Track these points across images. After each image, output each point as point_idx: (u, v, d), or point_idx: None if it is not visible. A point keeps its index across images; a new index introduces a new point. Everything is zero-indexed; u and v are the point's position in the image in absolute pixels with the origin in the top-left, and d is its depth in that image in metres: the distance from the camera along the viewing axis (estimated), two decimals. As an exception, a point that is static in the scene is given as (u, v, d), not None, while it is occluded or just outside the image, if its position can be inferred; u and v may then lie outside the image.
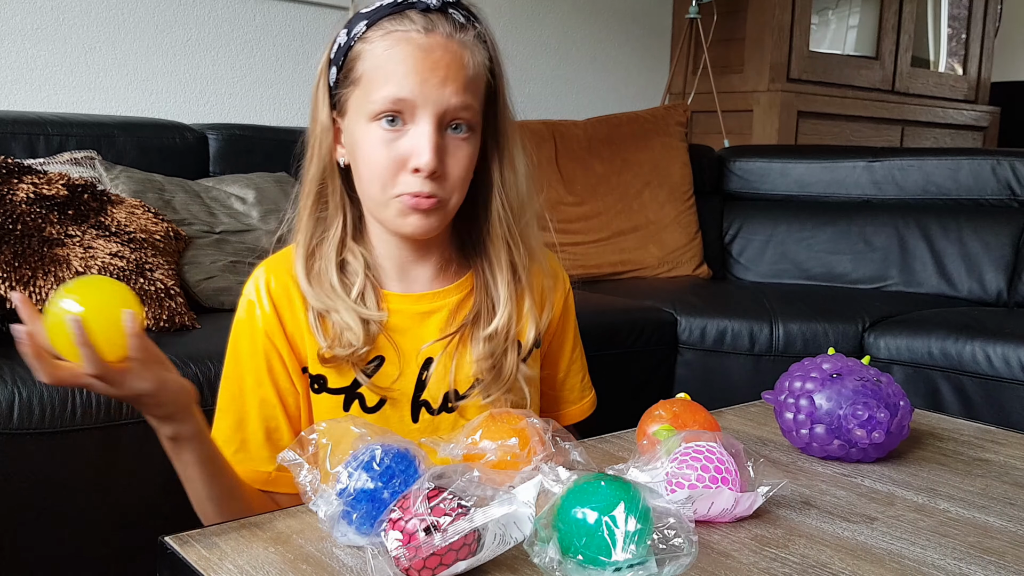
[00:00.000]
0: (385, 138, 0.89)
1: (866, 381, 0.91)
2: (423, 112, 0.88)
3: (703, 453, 0.75)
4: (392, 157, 0.89)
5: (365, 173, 0.92)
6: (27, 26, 2.11)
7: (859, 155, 2.67)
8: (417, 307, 0.99)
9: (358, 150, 0.92)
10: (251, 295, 0.97)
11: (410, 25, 0.89)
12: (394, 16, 0.90)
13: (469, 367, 0.98)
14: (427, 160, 0.87)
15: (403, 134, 0.89)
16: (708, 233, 2.65)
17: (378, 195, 0.92)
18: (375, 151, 0.90)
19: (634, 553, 0.59)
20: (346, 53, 0.92)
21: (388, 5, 0.91)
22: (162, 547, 0.70)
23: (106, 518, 1.28)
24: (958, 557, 0.71)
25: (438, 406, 0.98)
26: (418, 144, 0.88)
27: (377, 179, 0.91)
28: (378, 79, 0.89)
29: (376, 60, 0.89)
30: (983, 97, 4.19)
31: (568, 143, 2.57)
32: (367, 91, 0.90)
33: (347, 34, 0.93)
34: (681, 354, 2.02)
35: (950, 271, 2.41)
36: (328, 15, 2.56)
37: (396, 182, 0.90)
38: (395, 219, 0.92)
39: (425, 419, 0.98)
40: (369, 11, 0.92)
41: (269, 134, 2.16)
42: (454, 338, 0.98)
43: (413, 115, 0.89)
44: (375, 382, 0.95)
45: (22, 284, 1.40)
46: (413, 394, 0.97)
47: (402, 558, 0.61)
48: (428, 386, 0.97)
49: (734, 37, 3.35)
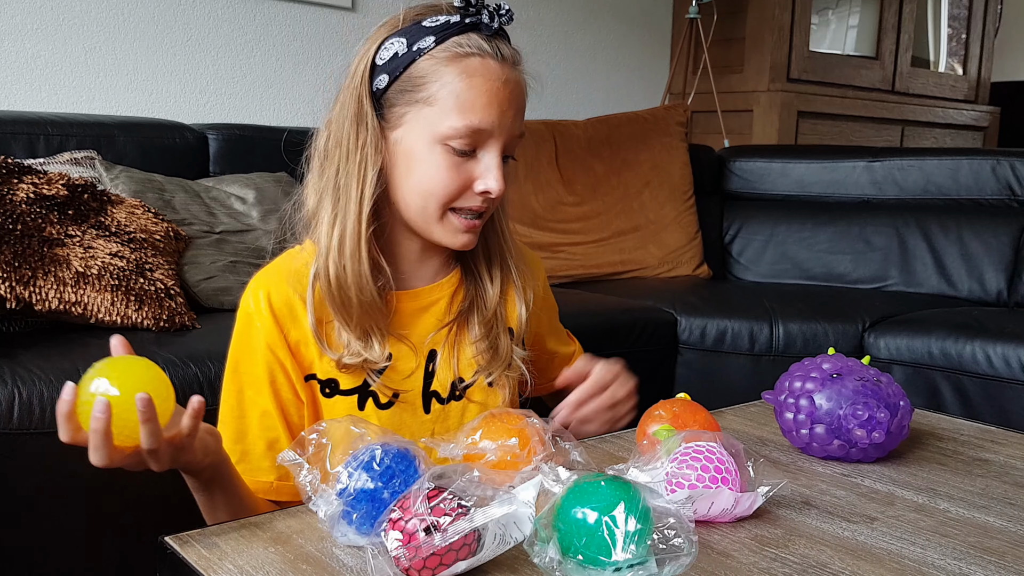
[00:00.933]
0: (454, 162, 0.92)
1: (866, 381, 0.91)
2: (495, 141, 0.93)
3: (703, 453, 0.75)
4: (460, 179, 0.93)
5: (424, 188, 0.93)
6: (27, 26, 2.11)
7: (859, 155, 2.67)
8: (416, 303, 1.01)
9: (416, 166, 0.93)
10: (250, 307, 0.96)
11: (483, 50, 0.91)
12: (462, 36, 0.91)
13: (470, 353, 1.02)
14: (499, 187, 0.93)
15: (472, 160, 0.93)
16: (708, 233, 2.65)
17: (434, 211, 0.94)
18: (441, 172, 0.92)
19: (634, 553, 0.59)
20: (407, 65, 0.92)
21: (456, 24, 0.92)
22: (162, 547, 0.70)
23: (106, 518, 1.28)
24: (958, 557, 0.71)
25: (447, 395, 1.01)
26: (488, 172, 0.93)
27: (438, 198, 0.93)
28: (457, 106, 0.90)
29: (455, 86, 0.90)
30: (983, 97, 4.19)
31: (568, 143, 2.57)
32: (442, 115, 0.91)
33: (407, 45, 0.92)
34: (681, 354, 2.02)
35: (950, 271, 2.41)
36: (328, 15, 2.56)
37: (459, 199, 0.94)
38: (445, 233, 0.96)
39: (436, 409, 1.00)
40: (435, 27, 0.92)
41: (269, 134, 2.16)
42: (453, 326, 1.01)
43: (485, 143, 0.92)
44: (385, 380, 0.97)
45: (22, 284, 1.40)
46: (423, 386, 1.00)
47: (402, 558, 0.61)
48: (436, 377, 1.00)
49: (734, 37, 3.35)
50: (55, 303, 1.43)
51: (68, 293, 1.44)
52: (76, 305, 1.45)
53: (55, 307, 1.43)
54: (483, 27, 0.92)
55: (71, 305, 1.45)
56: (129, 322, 1.50)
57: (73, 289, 1.45)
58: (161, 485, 1.32)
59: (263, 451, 0.95)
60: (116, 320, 1.49)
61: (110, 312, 1.48)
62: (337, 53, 2.57)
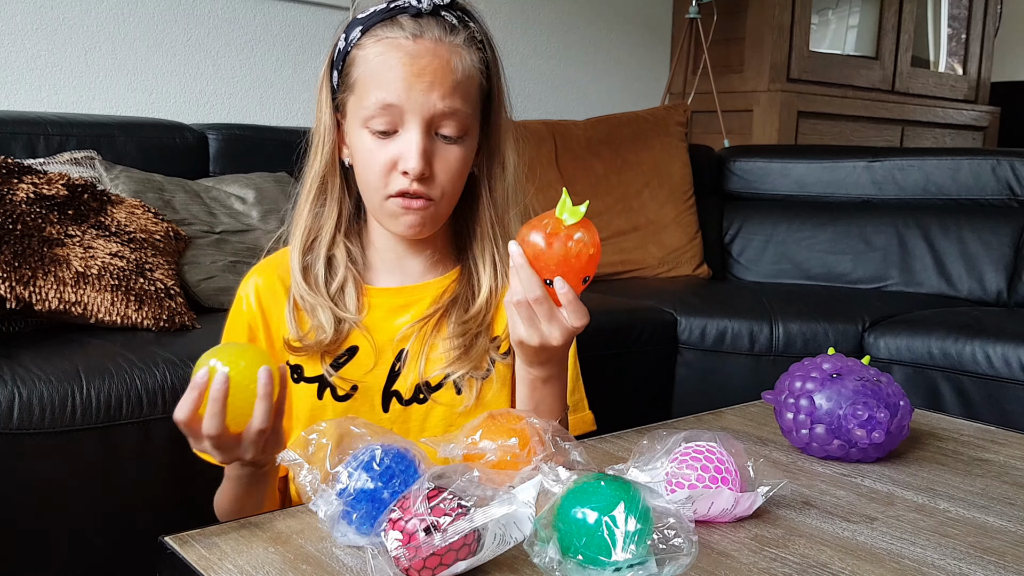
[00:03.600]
0: (376, 143, 0.93)
1: (866, 381, 0.91)
2: (411, 117, 0.92)
3: (703, 453, 0.75)
4: (383, 161, 0.93)
5: (361, 175, 0.97)
6: (27, 26, 2.11)
7: (859, 155, 2.67)
8: (396, 300, 1.02)
9: (356, 153, 0.97)
10: (242, 291, 1.03)
11: (399, 32, 0.92)
12: (386, 22, 0.93)
13: (440, 355, 1.00)
14: (414, 165, 0.91)
15: (393, 139, 0.93)
16: (708, 233, 2.65)
17: (373, 196, 0.96)
18: (368, 155, 0.94)
19: (634, 553, 0.59)
20: (344, 58, 0.96)
21: (381, 11, 0.94)
22: (162, 547, 0.70)
23: (106, 518, 1.28)
24: (958, 557, 0.71)
25: (409, 396, 1.00)
26: (406, 149, 0.92)
27: (371, 181, 0.95)
28: (369, 86, 0.93)
29: (368, 67, 0.93)
30: (983, 97, 4.19)
31: (568, 143, 2.57)
32: (360, 97, 0.94)
33: (344, 39, 0.96)
34: (681, 354, 2.02)
35: (950, 271, 2.41)
36: (328, 15, 2.56)
37: (388, 183, 0.94)
38: (389, 220, 0.97)
39: (396, 409, 0.99)
40: (363, 17, 0.95)
41: (269, 134, 2.16)
42: (427, 324, 1.00)
43: (402, 120, 0.92)
44: (344, 373, 0.98)
45: (22, 284, 1.40)
46: (384, 384, 0.99)
47: (402, 558, 0.61)
48: (400, 376, 0.99)
49: (734, 37, 3.35)
50: (55, 303, 1.43)
51: (68, 293, 1.44)
52: (76, 305, 1.45)
53: (55, 307, 1.43)
54: (409, 9, 0.93)
55: (71, 305, 1.45)
56: (129, 322, 1.50)
57: (73, 289, 1.45)
58: (161, 485, 1.32)
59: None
60: (116, 320, 1.49)
61: (110, 312, 1.48)
62: (337, 53, 2.56)
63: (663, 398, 2.03)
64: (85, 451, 1.25)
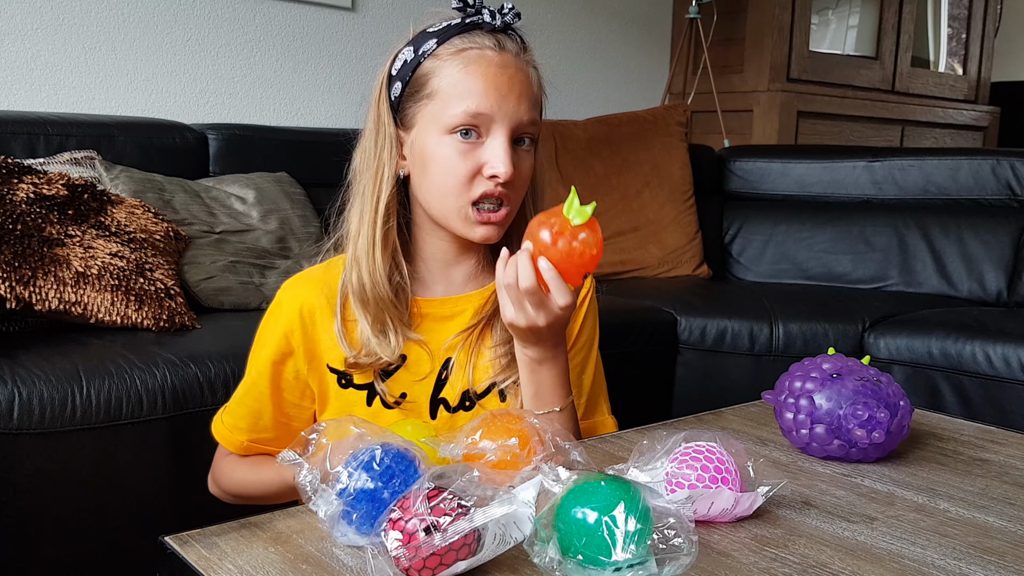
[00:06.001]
0: (462, 149, 0.95)
1: (866, 381, 0.91)
2: (499, 126, 0.94)
3: (703, 453, 0.75)
4: (469, 166, 0.95)
5: (439, 182, 0.97)
6: (27, 26, 2.11)
7: (859, 155, 2.67)
8: (442, 310, 1.03)
9: (430, 161, 0.97)
10: (281, 300, 1.04)
11: (484, 43, 0.95)
12: (464, 35, 0.96)
13: (487, 363, 1.02)
14: (504, 170, 0.93)
15: (479, 146, 0.95)
16: (708, 233, 2.65)
17: (453, 203, 0.96)
18: (452, 161, 0.95)
19: (634, 553, 0.59)
20: (414, 69, 0.97)
21: (457, 25, 0.96)
22: (162, 547, 0.70)
23: (106, 518, 1.28)
24: (958, 557, 0.71)
25: (455, 404, 1.02)
26: (494, 155, 0.94)
27: (453, 188, 0.96)
28: (456, 94, 0.94)
29: (453, 76, 0.95)
30: (983, 97, 4.19)
31: (568, 143, 2.57)
32: (444, 105, 0.95)
33: (414, 51, 0.97)
34: (681, 354, 2.02)
35: (950, 271, 2.41)
36: (328, 15, 2.56)
37: (472, 187, 0.95)
38: (465, 226, 0.97)
39: (443, 416, 1.02)
40: (437, 30, 0.97)
41: (269, 134, 2.16)
42: (472, 333, 1.02)
43: (489, 128, 0.94)
44: (393, 382, 1.00)
45: (22, 284, 1.40)
46: (432, 393, 1.01)
47: (402, 558, 0.61)
48: (447, 384, 1.02)
49: (734, 37, 3.35)
50: (55, 303, 1.43)
51: (68, 293, 1.44)
52: (76, 305, 1.45)
53: (55, 307, 1.43)
54: (484, 25, 0.96)
55: (71, 305, 1.45)
56: (129, 322, 1.50)
57: (73, 289, 1.45)
58: (161, 485, 1.32)
59: (244, 413, 1.04)
60: (116, 320, 1.49)
61: (110, 312, 1.48)
62: (337, 53, 2.57)
63: (663, 398, 2.03)
64: (85, 451, 1.25)
